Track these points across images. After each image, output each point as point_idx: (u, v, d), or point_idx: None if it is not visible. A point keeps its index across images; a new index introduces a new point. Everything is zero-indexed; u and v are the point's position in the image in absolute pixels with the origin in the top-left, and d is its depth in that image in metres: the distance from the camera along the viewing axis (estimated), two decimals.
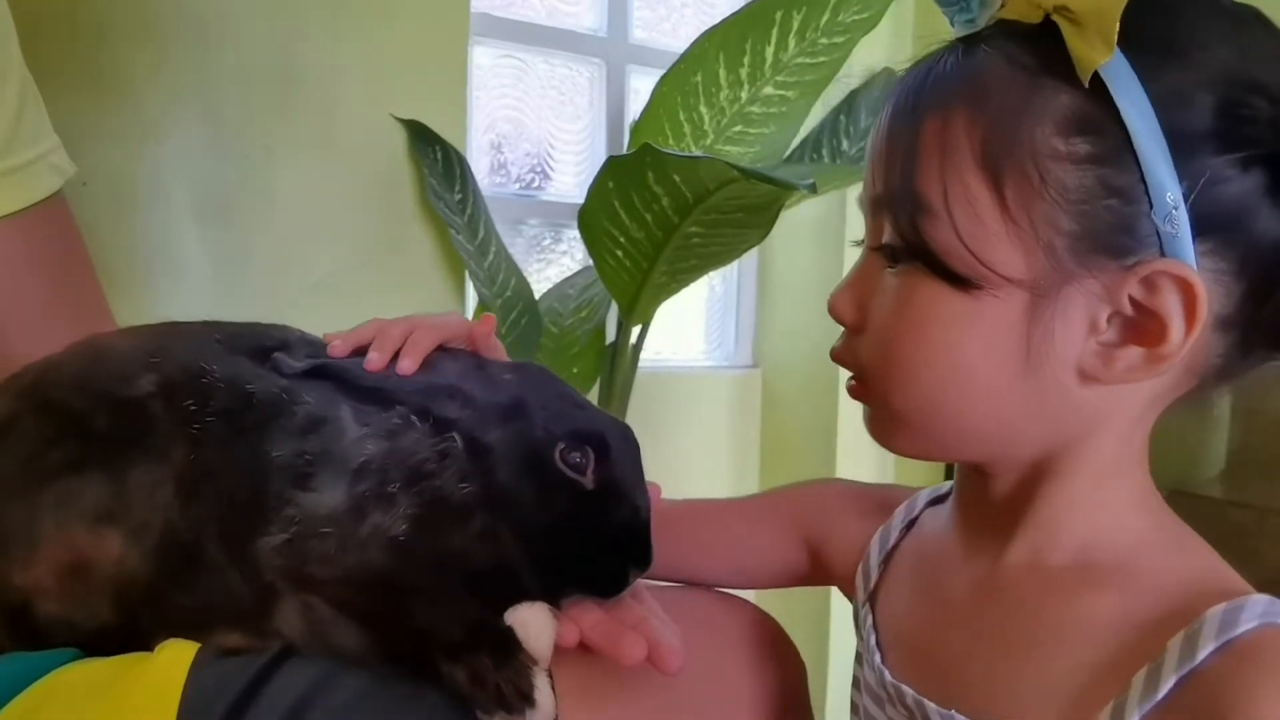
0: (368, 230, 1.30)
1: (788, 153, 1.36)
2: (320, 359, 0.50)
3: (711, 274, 1.59)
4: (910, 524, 0.57)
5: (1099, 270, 0.40)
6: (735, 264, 1.75)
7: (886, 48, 1.47)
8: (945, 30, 0.46)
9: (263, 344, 0.52)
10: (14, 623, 0.47)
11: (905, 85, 0.46)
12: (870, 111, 1.38)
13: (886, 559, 0.56)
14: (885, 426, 0.49)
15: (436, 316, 0.54)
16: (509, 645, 0.43)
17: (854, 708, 0.55)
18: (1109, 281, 0.41)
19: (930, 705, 0.46)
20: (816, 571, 0.62)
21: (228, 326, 0.55)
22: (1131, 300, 0.41)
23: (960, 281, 0.42)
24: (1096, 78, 0.39)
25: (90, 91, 1.12)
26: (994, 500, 0.48)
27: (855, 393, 0.50)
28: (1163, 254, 0.40)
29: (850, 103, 1.43)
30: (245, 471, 0.46)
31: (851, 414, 1.69)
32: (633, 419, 1.24)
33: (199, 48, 1.18)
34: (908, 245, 0.44)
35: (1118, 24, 0.38)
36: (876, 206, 0.47)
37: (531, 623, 0.44)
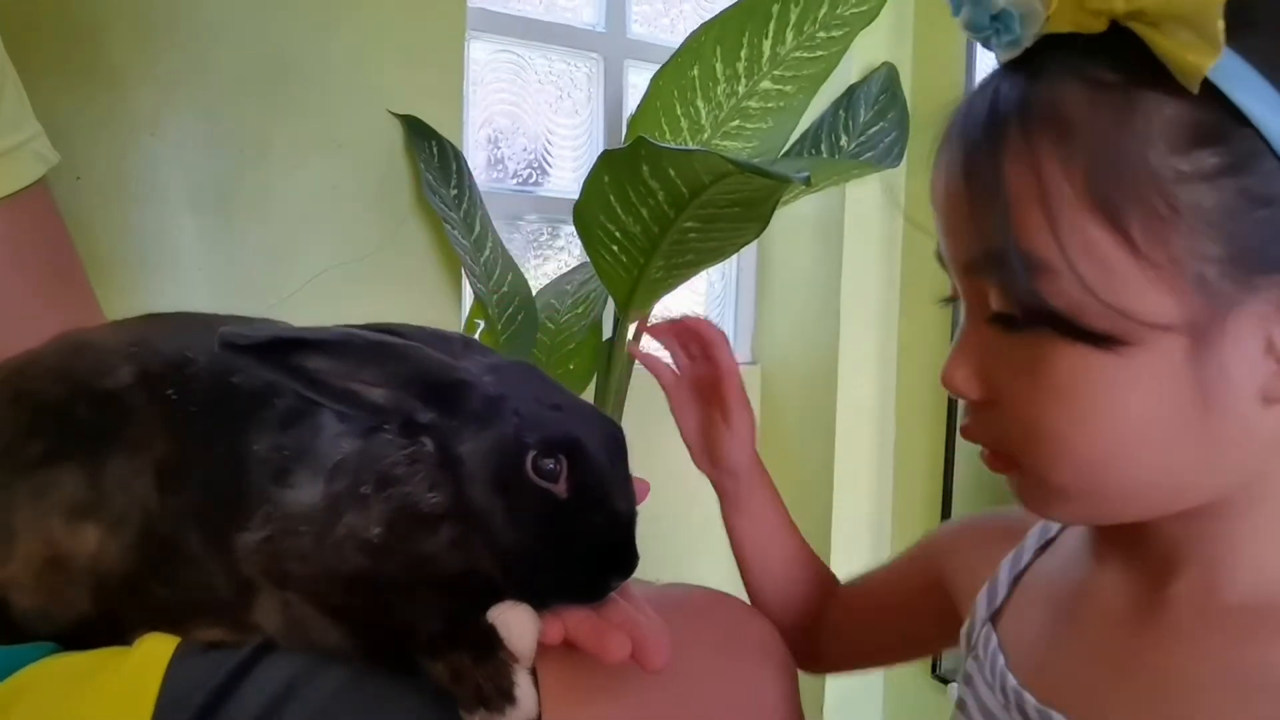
0: (364, 225, 1.29)
1: (786, 147, 1.35)
2: (277, 334, 0.44)
3: (711, 270, 1.58)
4: (1047, 543, 0.53)
5: (1264, 287, 0.36)
6: (734, 260, 1.74)
7: (886, 41, 1.46)
8: (949, 24, 0.41)
9: None
10: None
11: (962, 129, 0.41)
12: (869, 105, 1.38)
13: (1016, 579, 0.52)
14: (1040, 499, 0.44)
15: None
16: (490, 642, 0.42)
17: None
18: (1278, 295, 0.36)
19: None
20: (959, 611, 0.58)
21: (211, 319, 0.54)
22: None
23: (1104, 340, 0.37)
24: (1205, 80, 0.34)
25: (83, 84, 1.11)
26: (1151, 534, 0.44)
27: (996, 466, 0.44)
28: None
29: (849, 97, 1.43)
30: (225, 464, 0.46)
31: (850, 411, 1.69)
32: (630, 416, 1.23)
33: (194, 40, 1.17)
34: (1029, 312, 0.39)
35: (1220, 18, 0.33)
36: (972, 271, 0.42)
37: (514, 620, 0.43)
